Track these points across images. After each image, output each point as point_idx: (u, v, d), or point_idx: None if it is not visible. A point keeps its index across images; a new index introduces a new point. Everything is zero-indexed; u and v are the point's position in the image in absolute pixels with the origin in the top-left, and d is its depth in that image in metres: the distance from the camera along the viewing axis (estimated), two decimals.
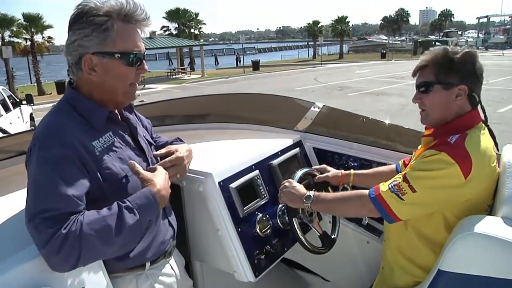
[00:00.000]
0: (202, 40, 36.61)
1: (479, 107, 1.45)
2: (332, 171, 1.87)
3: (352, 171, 1.86)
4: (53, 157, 1.10)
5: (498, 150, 1.46)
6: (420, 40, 49.06)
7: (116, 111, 1.35)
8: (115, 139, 1.28)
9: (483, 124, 1.46)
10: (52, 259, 1.03)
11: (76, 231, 1.03)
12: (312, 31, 41.89)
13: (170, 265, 1.47)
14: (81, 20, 1.18)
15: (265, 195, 1.78)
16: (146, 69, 1.29)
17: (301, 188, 1.64)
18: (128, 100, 1.34)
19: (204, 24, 37.65)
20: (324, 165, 1.91)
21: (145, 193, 1.17)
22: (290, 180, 1.70)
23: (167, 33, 35.17)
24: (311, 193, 1.58)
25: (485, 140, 1.39)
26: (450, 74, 1.38)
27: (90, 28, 1.17)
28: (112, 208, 1.11)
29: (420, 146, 1.56)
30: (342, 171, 1.86)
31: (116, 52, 1.20)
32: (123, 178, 1.24)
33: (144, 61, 1.27)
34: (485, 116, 1.48)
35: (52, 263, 1.04)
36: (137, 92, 1.35)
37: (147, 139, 1.45)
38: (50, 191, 1.07)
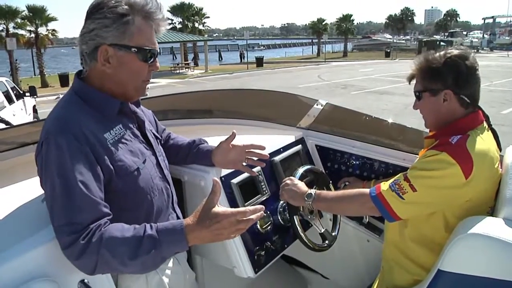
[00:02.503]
0: (206, 36, 36.60)
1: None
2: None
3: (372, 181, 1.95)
4: (67, 152, 1.10)
5: (501, 151, 1.46)
6: (425, 39, 48.94)
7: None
8: (126, 132, 1.28)
9: (486, 125, 1.45)
10: (73, 262, 1.08)
11: (94, 245, 1.04)
12: (317, 29, 41.78)
13: (176, 259, 1.47)
14: (102, 10, 1.17)
15: (266, 191, 1.78)
16: (157, 67, 1.30)
17: (302, 186, 1.64)
18: (138, 95, 1.34)
19: (208, 17, 37.63)
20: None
21: (175, 225, 1.09)
22: (291, 177, 1.70)
23: (171, 27, 35.12)
24: (313, 191, 1.58)
25: (487, 141, 1.39)
26: (434, 81, 1.44)
27: (111, 19, 1.16)
28: (136, 230, 1.08)
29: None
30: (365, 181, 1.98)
31: (133, 46, 1.20)
32: (135, 170, 1.24)
33: (156, 58, 1.28)
34: (486, 116, 1.48)
35: (75, 265, 1.09)
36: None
37: (153, 133, 1.46)
38: (68, 194, 1.08)
